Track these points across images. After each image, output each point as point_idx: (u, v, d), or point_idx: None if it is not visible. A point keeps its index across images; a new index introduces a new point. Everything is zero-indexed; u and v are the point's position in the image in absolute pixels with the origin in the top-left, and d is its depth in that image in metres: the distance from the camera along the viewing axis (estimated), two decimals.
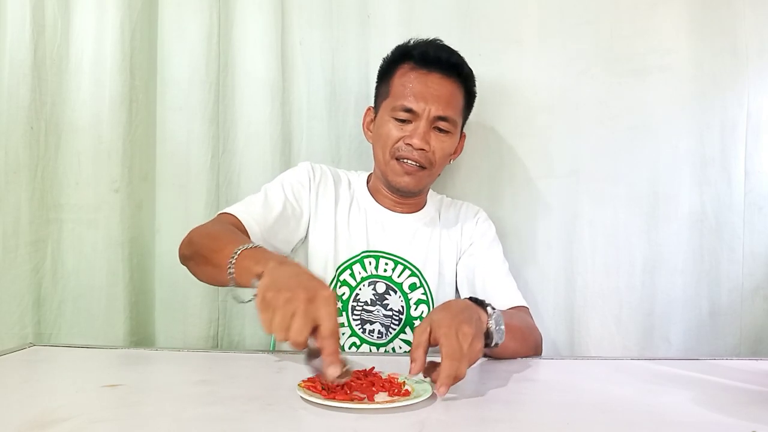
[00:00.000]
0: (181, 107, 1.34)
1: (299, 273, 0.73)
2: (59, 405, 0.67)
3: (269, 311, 0.68)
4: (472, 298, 0.84)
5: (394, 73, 1.14)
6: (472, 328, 0.74)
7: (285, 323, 0.67)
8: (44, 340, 1.23)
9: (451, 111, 1.11)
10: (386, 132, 1.12)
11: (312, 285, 0.70)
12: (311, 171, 1.17)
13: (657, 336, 1.32)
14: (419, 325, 0.76)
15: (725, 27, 1.31)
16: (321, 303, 0.68)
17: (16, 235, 1.21)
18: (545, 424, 0.64)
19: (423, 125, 1.09)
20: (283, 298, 0.68)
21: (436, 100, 1.09)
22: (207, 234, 0.96)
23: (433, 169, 1.13)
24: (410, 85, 1.10)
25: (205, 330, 1.34)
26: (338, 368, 0.66)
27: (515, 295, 1.14)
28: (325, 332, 0.67)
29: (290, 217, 1.11)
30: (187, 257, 0.98)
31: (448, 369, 0.69)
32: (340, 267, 1.13)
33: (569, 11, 1.35)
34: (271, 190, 1.12)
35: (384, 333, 1.13)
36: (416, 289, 1.15)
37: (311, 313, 0.67)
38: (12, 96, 1.20)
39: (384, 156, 1.13)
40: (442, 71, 1.11)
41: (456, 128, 1.14)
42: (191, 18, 1.34)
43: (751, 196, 1.31)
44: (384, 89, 1.16)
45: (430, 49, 1.13)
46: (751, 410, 0.68)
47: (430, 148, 1.11)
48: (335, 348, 0.67)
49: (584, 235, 1.35)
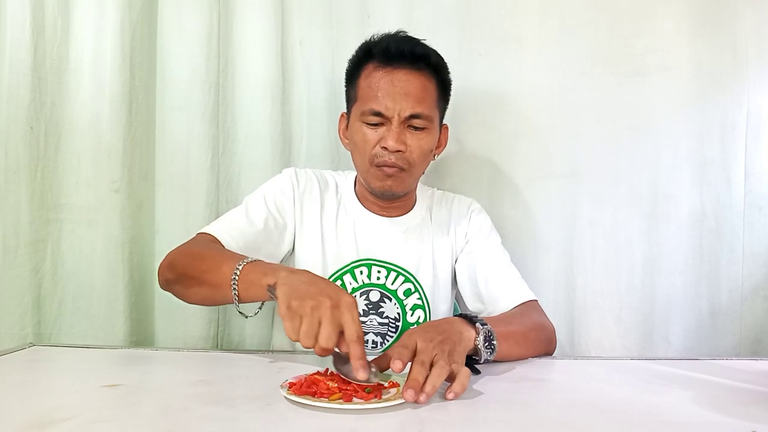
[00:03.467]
0: (181, 107, 1.34)
1: (315, 279, 0.76)
2: (59, 405, 0.67)
3: (296, 319, 0.70)
4: (462, 315, 0.85)
5: (360, 74, 1.08)
6: (449, 345, 0.75)
7: (313, 331, 0.69)
8: (44, 340, 1.23)
9: (424, 107, 1.04)
10: (361, 138, 1.06)
11: (333, 291, 0.73)
12: (295, 179, 1.13)
13: (657, 336, 1.32)
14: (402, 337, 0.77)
15: (725, 27, 1.30)
16: (345, 308, 0.71)
17: (16, 236, 1.21)
18: (545, 424, 0.64)
19: (396, 127, 1.03)
20: (309, 306, 0.70)
21: (405, 99, 1.02)
22: (192, 255, 0.94)
23: (414, 168, 1.08)
24: (376, 86, 1.04)
25: (205, 330, 1.34)
26: (368, 371, 0.68)
27: (520, 289, 1.10)
28: (351, 336, 0.70)
29: (273, 231, 1.08)
30: (171, 281, 0.96)
31: (414, 372, 0.69)
32: (330, 278, 1.10)
33: (569, 11, 1.35)
34: (252, 204, 1.09)
35: (379, 342, 1.11)
36: (411, 294, 1.13)
37: (337, 319, 0.70)
38: (12, 96, 1.20)
39: (363, 164, 1.08)
40: (408, 65, 1.03)
41: (432, 123, 1.07)
42: (191, 18, 1.34)
43: (751, 197, 1.31)
44: (352, 93, 1.11)
45: (392, 43, 1.05)
46: (751, 410, 0.68)
47: (407, 148, 1.04)
48: (362, 352, 0.69)
49: (584, 235, 1.35)
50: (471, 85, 1.36)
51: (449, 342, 0.76)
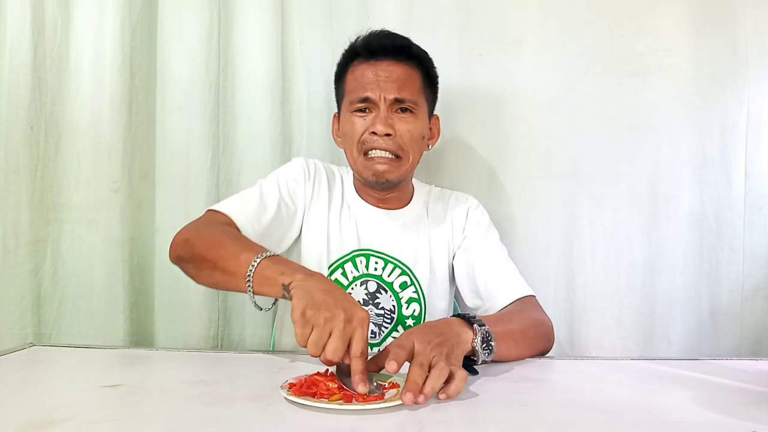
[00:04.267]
0: (181, 107, 1.35)
1: (332, 289, 0.77)
2: (59, 405, 0.67)
3: (307, 327, 0.72)
4: (460, 315, 0.85)
5: (346, 72, 1.13)
6: (447, 347, 0.75)
7: (322, 341, 0.71)
8: (44, 340, 1.23)
9: (408, 92, 1.08)
10: (350, 128, 1.10)
11: (348, 305, 0.74)
12: (306, 167, 1.16)
13: (657, 336, 1.32)
14: (400, 336, 0.77)
15: (725, 27, 1.30)
16: (357, 324, 0.72)
17: (16, 236, 1.21)
18: (545, 424, 0.64)
19: (383, 110, 1.07)
20: (323, 317, 0.71)
21: (389, 84, 1.07)
22: (210, 238, 0.94)
23: (407, 155, 1.10)
24: (362, 77, 1.09)
25: (205, 330, 1.34)
26: (367, 386, 0.69)
27: (518, 285, 1.10)
28: (355, 352, 0.71)
29: (284, 218, 1.10)
30: (183, 259, 0.96)
31: (413, 375, 0.69)
32: (332, 266, 1.12)
33: (569, 11, 1.35)
34: (266, 188, 1.10)
35: (376, 332, 1.12)
36: (407, 287, 1.14)
37: (347, 334, 0.71)
38: (12, 96, 1.20)
39: (353, 154, 1.11)
40: (390, 57, 1.09)
41: (420, 109, 1.11)
42: (191, 18, 1.34)
43: (751, 197, 1.31)
44: (340, 91, 1.15)
45: (373, 39, 1.10)
46: (751, 410, 0.68)
47: (396, 131, 1.07)
48: (363, 367, 0.71)
49: (584, 235, 1.35)
50: (471, 85, 1.36)
51: (447, 344, 0.76)
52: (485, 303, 1.11)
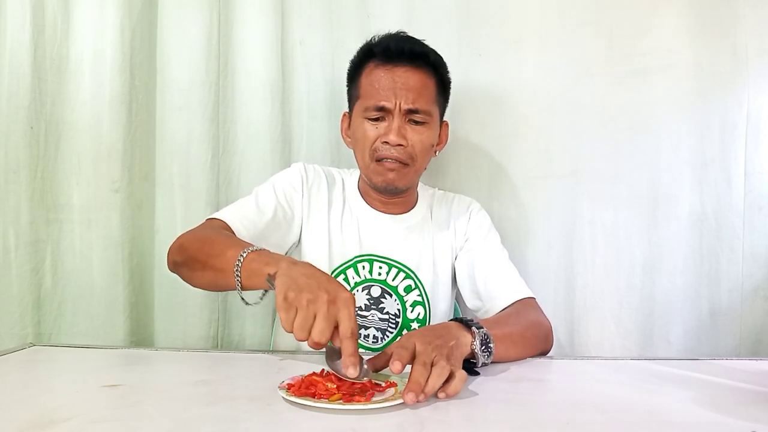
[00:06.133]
0: (181, 107, 1.35)
1: (315, 273, 0.76)
2: (59, 405, 0.67)
3: (291, 311, 0.71)
4: (458, 319, 0.85)
5: (361, 73, 1.12)
6: (447, 349, 0.75)
7: (307, 324, 0.70)
8: (44, 340, 1.23)
9: (423, 102, 1.08)
10: (362, 134, 1.10)
11: (332, 286, 0.72)
12: (304, 173, 1.15)
13: (657, 336, 1.32)
14: (400, 338, 0.77)
15: (725, 27, 1.30)
16: (342, 304, 0.71)
17: (16, 236, 1.21)
18: (545, 424, 0.64)
19: (397, 120, 1.07)
20: (306, 299, 0.70)
21: (405, 93, 1.06)
22: (201, 239, 0.95)
23: (415, 164, 1.10)
24: (378, 83, 1.08)
25: (205, 330, 1.34)
26: (357, 369, 0.68)
27: (517, 287, 1.10)
28: (344, 333, 0.70)
29: (281, 222, 1.10)
30: (178, 263, 0.97)
31: (416, 374, 0.69)
32: (334, 272, 1.12)
33: (569, 11, 1.35)
34: (263, 193, 1.10)
35: (380, 338, 1.12)
36: (411, 291, 1.14)
37: (332, 315, 0.70)
38: (12, 96, 1.20)
39: (364, 159, 1.11)
40: (407, 63, 1.08)
41: (432, 118, 1.11)
42: (191, 18, 1.34)
43: (751, 197, 1.31)
44: (354, 92, 1.14)
45: (392, 42, 1.09)
46: (751, 410, 0.68)
47: (408, 142, 1.07)
48: (354, 349, 0.69)
49: (584, 235, 1.35)
50: (471, 85, 1.36)
51: (447, 346, 0.76)
52: (485, 304, 1.11)
